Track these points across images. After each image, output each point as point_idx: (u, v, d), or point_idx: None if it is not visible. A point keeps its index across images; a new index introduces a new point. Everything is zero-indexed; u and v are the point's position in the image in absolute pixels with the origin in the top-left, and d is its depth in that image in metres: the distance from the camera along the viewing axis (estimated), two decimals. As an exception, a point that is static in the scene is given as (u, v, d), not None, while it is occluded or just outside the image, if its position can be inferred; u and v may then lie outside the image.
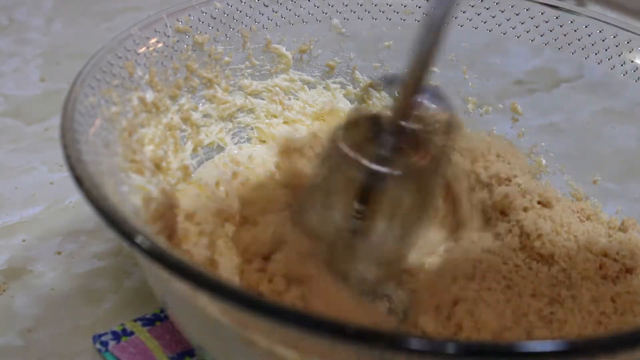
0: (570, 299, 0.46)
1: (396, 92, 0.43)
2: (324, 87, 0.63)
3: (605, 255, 0.48)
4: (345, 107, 0.62)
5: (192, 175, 0.54)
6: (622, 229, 0.53)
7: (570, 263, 0.48)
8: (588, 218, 0.54)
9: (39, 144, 0.67)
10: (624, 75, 0.57)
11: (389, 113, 0.43)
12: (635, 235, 0.52)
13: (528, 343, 0.33)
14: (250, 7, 0.58)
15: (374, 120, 0.45)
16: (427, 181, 0.46)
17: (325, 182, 0.47)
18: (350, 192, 0.44)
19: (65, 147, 0.40)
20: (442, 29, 0.39)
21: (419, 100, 0.43)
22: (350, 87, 0.63)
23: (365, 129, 0.44)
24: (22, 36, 0.84)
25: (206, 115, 0.56)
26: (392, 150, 0.43)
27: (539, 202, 0.53)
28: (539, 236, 0.50)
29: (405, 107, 0.42)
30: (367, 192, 0.44)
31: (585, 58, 0.59)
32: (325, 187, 0.46)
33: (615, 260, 0.48)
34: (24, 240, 0.56)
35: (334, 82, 0.63)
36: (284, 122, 0.61)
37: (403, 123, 0.42)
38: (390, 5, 0.62)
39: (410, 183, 0.45)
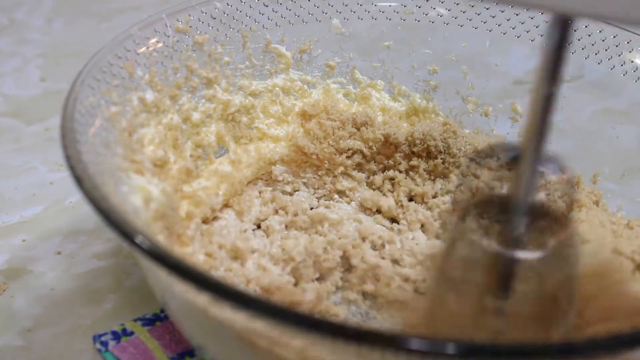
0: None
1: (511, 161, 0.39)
2: (323, 87, 0.62)
3: (620, 253, 0.48)
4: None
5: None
6: (629, 227, 0.53)
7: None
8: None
9: (39, 144, 0.67)
10: (624, 75, 0.57)
11: (513, 190, 0.38)
12: None
13: (528, 343, 0.33)
14: (250, 7, 0.58)
15: (501, 200, 0.40)
16: (569, 256, 0.41)
17: (457, 272, 0.42)
18: (486, 280, 0.40)
19: (65, 147, 0.40)
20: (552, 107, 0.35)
21: (541, 169, 0.39)
22: (350, 88, 0.63)
23: (492, 211, 0.40)
24: (22, 36, 0.84)
25: (206, 115, 0.56)
26: (527, 231, 0.39)
27: None
28: None
29: (531, 181, 0.37)
30: (508, 279, 0.40)
31: (585, 58, 0.59)
32: (459, 276, 0.42)
33: (627, 257, 0.48)
34: (24, 240, 0.56)
35: (334, 82, 0.63)
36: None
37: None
38: (390, 6, 0.62)
39: (554, 262, 0.40)
